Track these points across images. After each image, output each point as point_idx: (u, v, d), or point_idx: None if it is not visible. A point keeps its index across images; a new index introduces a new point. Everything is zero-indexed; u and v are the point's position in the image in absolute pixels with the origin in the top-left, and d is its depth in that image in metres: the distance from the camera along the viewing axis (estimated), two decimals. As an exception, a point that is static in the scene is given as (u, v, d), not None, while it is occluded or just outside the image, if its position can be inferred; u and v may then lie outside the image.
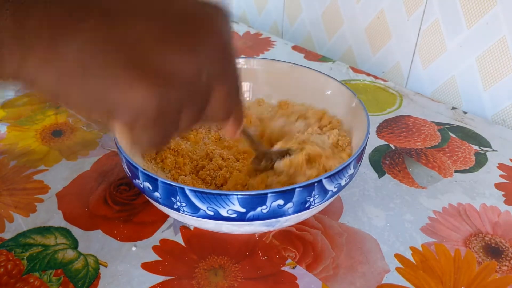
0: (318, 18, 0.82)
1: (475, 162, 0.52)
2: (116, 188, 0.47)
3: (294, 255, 0.40)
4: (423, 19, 0.66)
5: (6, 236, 0.41)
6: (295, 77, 0.52)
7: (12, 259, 0.38)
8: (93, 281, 0.37)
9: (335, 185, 0.36)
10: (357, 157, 0.37)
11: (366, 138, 0.39)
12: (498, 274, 0.38)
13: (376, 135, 0.56)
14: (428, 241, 0.41)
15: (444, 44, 0.65)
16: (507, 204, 0.46)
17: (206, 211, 0.34)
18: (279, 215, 0.35)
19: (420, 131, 0.57)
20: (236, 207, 0.33)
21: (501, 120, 0.63)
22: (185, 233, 0.42)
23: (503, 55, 0.59)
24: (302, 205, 0.35)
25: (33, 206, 0.44)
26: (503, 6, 0.57)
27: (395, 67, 0.74)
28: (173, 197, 0.34)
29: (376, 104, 0.63)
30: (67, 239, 0.41)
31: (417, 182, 0.48)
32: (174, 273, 0.38)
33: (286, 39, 0.90)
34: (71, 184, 0.47)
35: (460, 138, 0.56)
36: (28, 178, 0.48)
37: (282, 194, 0.34)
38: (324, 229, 0.42)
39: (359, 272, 0.38)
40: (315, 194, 0.35)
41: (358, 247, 0.41)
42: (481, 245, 0.41)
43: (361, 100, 0.45)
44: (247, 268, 0.38)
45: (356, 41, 0.78)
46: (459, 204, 0.46)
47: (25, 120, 0.58)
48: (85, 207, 0.44)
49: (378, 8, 0.72)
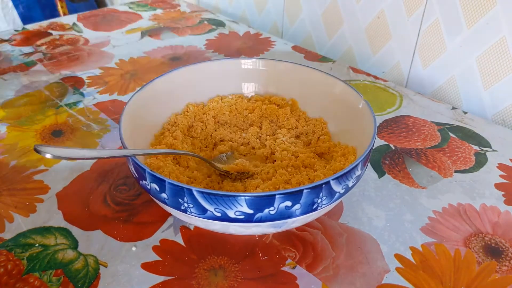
0: (318, 18, 0.82)
1: (475, 162, 0.52)
2: (116, 188, 0.47)
3: (294, 255, 0.40)
4: (423, 19, 0.66)
5: (6, 236, 0.41)
6: (299, 78, 0.52)
7: (12, 259, 0.38)
8: (93, 281, 0.37)
9: (342, 186, 0.36)
10: (364, 159, 0.37)
11: (373, 139, 0.39)
12: (498, 274, 0.38)
13: (376, 135, 0.56)
14: (428, 241, 0.41)
15: (444, 44, 0.65)
16: (507, 204, 0.46)
17: (214, 213, 0.34)
18: (286, 217, 0.35)
19: (420, 131, 0.57)
20: (244, 208, 0.33)
21: (501, 120, 0.63)
22: (185, 233, 0.42)
23: (503, 55, 0.59)
24: (309, 207, 0.35)
25: (33, 206, 0.44)
26: (503, 6, 0.57)
27: (395, 67, 0.74)
28: (181, 198, 0.34)
29: (376, 104, 0.63)
30: (67, 239, 0.41)
31: (417, 182, 0.48)
32: (174, 273, 0.38)
33: (286, 39, 0.90)
34: (71, 184, 0.47)
35: (460, 138, 0.56)
36: (28, 178, 0.48)
37: (290, 196, 0.33)
38: (324, 229, 0.42)
39: (359, 272, 0.38)
40: (323, 195, 0.35)
41: (358, 247, 0.41)
42: (481, 245, 0.41)
43: (367, 101, 0.45)
44: (247, 268, 0.38)
45: (356, 41, 0.78)
46: (459, 204, 0.46)
47: (25, 120, 0.58)
48: (85, 207, 0.44)
49: (378, 8, 0.72)
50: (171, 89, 0.50)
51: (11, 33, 0.85)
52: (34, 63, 0.73)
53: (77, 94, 0.64)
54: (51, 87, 0.66)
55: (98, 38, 0.83)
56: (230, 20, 0.93)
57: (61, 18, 0.93)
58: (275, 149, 0.48)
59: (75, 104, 0.62)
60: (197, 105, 0.52)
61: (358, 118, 0.45)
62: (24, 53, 0.76)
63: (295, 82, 0.53)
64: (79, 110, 0.60)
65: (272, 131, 0.51)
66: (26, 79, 0.68)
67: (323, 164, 0.45)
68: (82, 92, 0.64)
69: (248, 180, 0.43)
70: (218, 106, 0.53)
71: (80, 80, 0.68)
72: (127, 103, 0.44)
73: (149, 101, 0.47)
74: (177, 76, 0.51)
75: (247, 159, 0.47)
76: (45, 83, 0.67)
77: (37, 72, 0.70)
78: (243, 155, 0.49)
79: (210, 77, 0.53)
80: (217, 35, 0.85)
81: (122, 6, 1.00)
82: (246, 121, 0.53)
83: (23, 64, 0.73)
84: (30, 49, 0.78)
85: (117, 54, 0.76)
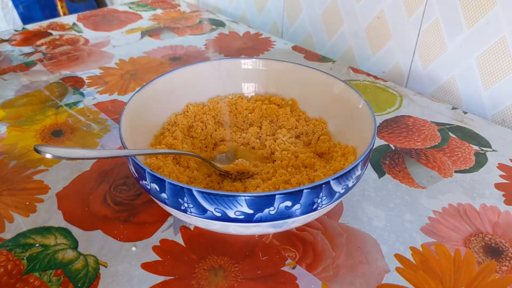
0: (318, 18, 0.82)
1: (475, 162, 0.52)
2: (116, 188, 0.47)
3: (294, 255, 0.40)
4: (423, 19, 0.66)
5: (6, 236, 0.41)
6: (299, 78, 0.52)
7: (12, 259, 0.38)
8: (93, 281, 0.37)
9: (342, 186, 0.36)
10: (364, 159, 0.37)
11: (373, 139, 0.39)
12: (498, 274, 0.38)
13: (376, 135, 0.56)
14: (428, 241, 0.41)
15: (444, 44, 0.65)
16: (507, 204, 0.46)
17: (214, 213, 0.34)
18: (286, 217, 0.35)
19: (420, 131, 0.57)
20: (244, 208, 0.33)
21: (501, 120, 0.63)
22: (185, 233, 0.42)
23: (503, 55, 0.59)
24: (309, 207, 0.35)
25: (33, 206, 0.44)
26: (503, 6, 0.57)
27: (395, 67, 0.74)
28: (181, 198, 0.34)
29: (376, 104, 0.63)
30: (67, 239, 0.41)
31: (417, 182, 0.48)
32: (174, 273, 0.38)
33: (286, 39, 0.90)
34: (71, 184, 0.47)
35: (460, 138, 0.56)
36: (28, 178, 0.48)
37: (290, 196, 0.33)
38: (324, 229, 0.42)
39: (359, 272, 0.38)
40: (323, 195, 0.35)
41: (358, 247, 0.41)
42: (481, 245, 0.41)
43: (367, 101, 0.45)
44: (247, 268, 0.38)
45: (356, 41, 0.78)
46: (459, 204, 0.46)
47: (25, 120, 0.58)
48: (85, 207, 0.44)
49: (378, 8, 0.72)
50: (171, 89, 0.50)
51: (11, 33, 0.85)
52: (34, 63, 0.73)
53: (77, 94, 0.64)
54: (51, 87, 0.66)
55: (98, 38, 0.83)
56: (230, 20, 0.93)
57: (61, 18, 0.93)
58: (275, 149, 0.48)
59: (75, 104, 0.62)
60: (197, 105, 0.52)
61: (358, 118, 0.45)
62: (24, 53, 0.76)
63: (295, 82, 0.53)
64: (79, 110, 0.60)
65: (272, 131, 0.51)
66: (26, 79, 0.68)
67: (323, 164, 0.45)
68: (82, 92, 0.64)
69: (248, 180, 0.43)
70: (218, 106, 0.53)
71: (80, 80, 0.68)
72: (127, 103, 0.44)
73: (149, 101, 0.47)
74: (177, 76, 0.51)
75: (247, 159, 0.47)
76: (45, 83, 0.67)
77: (37, 72, 0.70)
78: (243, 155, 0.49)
79: (210, 77, 0.53)
80: (217, 35, 0.85)
81: (122, 6, 1.00)
82: (246, 121, 0.53)
83: (23, 64, 0.73)
84: (30, 49, 0.78)
85: (117, 54, 0.76)
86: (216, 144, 0.50)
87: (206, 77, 0.53)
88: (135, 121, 0.44)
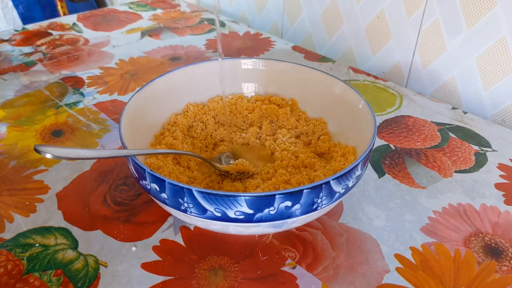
0: (318, 18, 0.82)
1: (475, 162, 0.52)
2: (116, 188, 0.47)
3: (294, 255, 0.40)
4: (423, 19, 0.66)
5: (6, 236, 0.41)
6: (299, 78, 0.52)
7: (12, 259, 0.38)
8: (93, 281, 0.37)
9: (342, 186, 0.36)
10: (364, 159, 0.37)
11: (373, 139, 0.39)
12: (498, 274, 0.38)
13: (376, 135, 0.56)
14: (428, 241, 0.41)
15: (444, 44, 0.65)
16: (507, 204, 0.46)
17: (214, 213, 0.34)
18: (286, 217, 0.35)
19: (420, 131, 0.57)
20: (244, 208, 0.33)
21: (501, 120, 0.63)
22: (185, 233, 0.42)
23: (503, 55, 0.59)
24: (309, 207, 0.35)
25: (33, 206, 0.44)
26: (503, 6, 0.57)
27: (395, 67, 0.74)
28: (180, 198, 0.34)
29: (376, 104, 0.63)
30: (67, 239, 0.41)
31: (417, 182, 0.48)
32: (174, 273, 0.38)
33: (286, 39, 0.90)
34: (71, 184, 0.47)
35: (460, 138, 0.56)
36: (28, 178, 0.48)
37: (290, 196, 0.33)
38: (324, 229, 0.42)
39: (359, 272, 0.38)
40: (323, 195, 0.35)
41: (358, 247, 0.41)
42: (481, 245, 0.41)
43: (367, 101, 0.45)
44: (247, 268, 0.38)
45: (356, 41, 0.78)
46: (459, 204, 0.46)
47: (25, 120, 0.58)
48: (85, 207, 0.44)
49: (378, 8, 0.72)
50: (171, 89, 0.50)
51: (11, 33, 0.85)
52: (34, 63, 0.73)
53: (77, 94, 0.64)
54: (51, 87, 0.66)
55: (98, 38, 0.83)
56: (230, 20, 0.93)
57: (61, 18, 0.93)
58: (275, 149, 0.48)
59: (75, 104, 0.62)
60: (197, 105, 0.52)
61: (358, 118, 0.45)
62: (24, 53, 0.76)
63: (295, 82, 0.53)
64: (79, 110, 0.60)
65: (272, 131, 0.51)
66: (26, 79, 0.68)
67: (323, 164, 0.45)
68: (82, 92, 0.64)
69: (248, 180, 0.43)
70: (218, 106, 0.53)
71: (80, 80, 0.68)
72: (127, 103, 0.44)
73: (149, 101, 0.47)
74: (177, 76, 0.51)
75: (247, 159, 0.47)
76: (45, 83, 0.67)
77: (37, 72, 0.70)
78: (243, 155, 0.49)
79: (210, 77, 0.53)
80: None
81: (122, 6, 1.00)
82: (246, 121, 0.53)
83: (23, 64, 0.73)
84: (30, 49, 0.78)
85: (117, 54, 0.76)
86: (216, 144, 0.50)
87: (206, 77, 0.53)
88: (135, 121, 0.44)
